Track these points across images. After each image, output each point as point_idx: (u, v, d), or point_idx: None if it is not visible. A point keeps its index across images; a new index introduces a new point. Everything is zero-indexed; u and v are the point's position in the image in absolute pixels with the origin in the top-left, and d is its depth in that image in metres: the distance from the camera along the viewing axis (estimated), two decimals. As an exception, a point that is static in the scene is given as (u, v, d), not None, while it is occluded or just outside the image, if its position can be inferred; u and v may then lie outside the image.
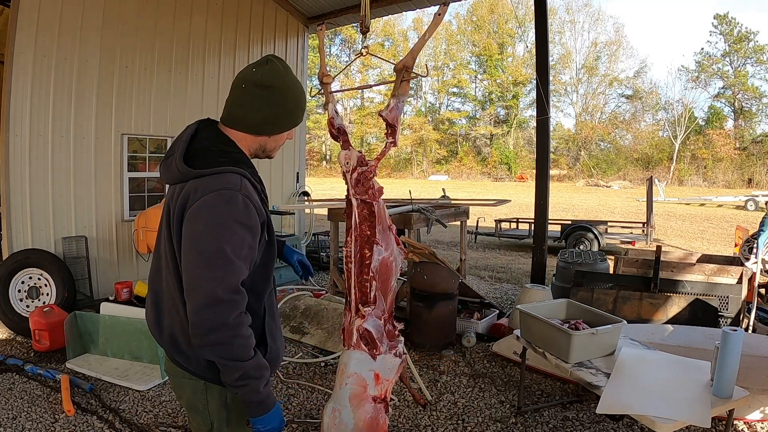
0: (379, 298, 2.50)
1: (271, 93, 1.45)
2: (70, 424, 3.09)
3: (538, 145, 5.81)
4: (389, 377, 2.48)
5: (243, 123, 1.47)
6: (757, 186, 29.91)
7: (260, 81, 1.44)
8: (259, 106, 1.45)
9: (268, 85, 1.44)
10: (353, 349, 2.41)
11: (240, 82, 1.46)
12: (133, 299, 4.39)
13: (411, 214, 4.91)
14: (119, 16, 5.60)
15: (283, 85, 1.47)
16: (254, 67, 1.46)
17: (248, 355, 1.34)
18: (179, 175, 1.39)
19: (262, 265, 1.48)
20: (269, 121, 1.48)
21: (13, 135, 4.88)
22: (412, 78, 2.57)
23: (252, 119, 1.46)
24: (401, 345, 2.60)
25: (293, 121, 1.54)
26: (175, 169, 1.40)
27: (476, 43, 46.44)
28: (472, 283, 6.27)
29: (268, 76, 1.44)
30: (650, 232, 9.54)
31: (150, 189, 6.22)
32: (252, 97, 1.44)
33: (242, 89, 1.45)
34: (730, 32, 37.94)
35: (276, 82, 1.45)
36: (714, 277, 4.57)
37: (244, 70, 1.48)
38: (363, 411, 2.36)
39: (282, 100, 1.48)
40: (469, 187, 31.22)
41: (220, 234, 1.30)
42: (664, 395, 2.28)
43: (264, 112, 1.46)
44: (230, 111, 1.48)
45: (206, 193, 1.32)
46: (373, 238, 2.40)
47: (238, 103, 1.46)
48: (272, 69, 1.45)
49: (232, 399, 1.51)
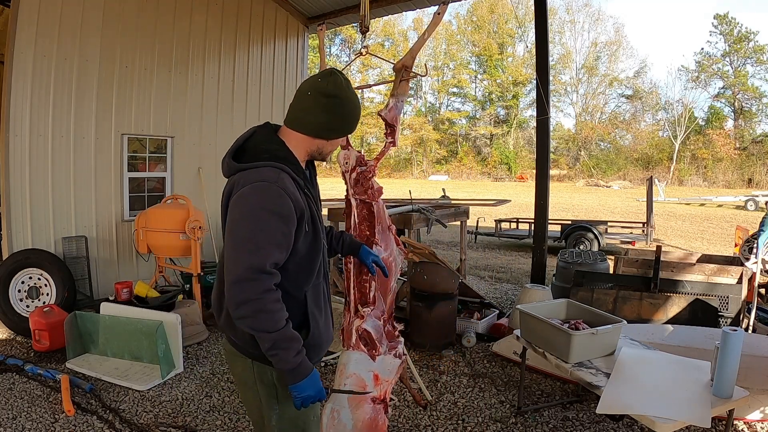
0: (379, 298, 2.50)
1: (334, 102, 1.60)
2: (70, 424, 3.09)
3: (538, 145, 5.81)
4: (389, 378, 2.47)
5: (305, 126, 1.61)
6: (757, 186, 29.92)
7: (326, 90, 1.59)
8: (322, 113, 1.60)
9: (332, 95, 1.59)
10: (352, 349, 2.41)
11: (306, 89, 1.62)
12: (133, 299, 4.38)
13: (411, 214, 4.91)
14: (119, 16, 5.60)
15: (345, 96, 1.62)
16: (320, 77, 1.61)
17: (275, 327, 1.45)
18: (228, 169, 1.59)
19: (306, 256, 1.61)
20: (329, 127, 1.63)
21: (13, 135, 4.88)
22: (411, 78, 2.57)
23: (314, 123, 1.61)
24: (401, 346, 2.59)
25: (349, 129, 1.70)
26: (225, 164, 1.60)
27: (476, 43, 46.44)
28: (472, 283, 6.27)
29: (333, 87, 1.59)
30: (650, 232, 9.54)
31: (150, 189, 6.22)
32: (316, 103, 1.59)
33: (308, 96, 1.60)
34: (730, 32, 37.95)
35: (339, 93, 1.61)
36: (714, 277, 4.56)
37: (311, 80, 1.63)
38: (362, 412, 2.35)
39: (342, 109, 1.63)
40: (469, 187, 31.22)
41: (251, 221, 1.45)
42: (664, 395, 2.28)
43: (325, 117, 1.61)
44: (294, 114, 1.63)
45: (245, 185, 1.49)
46: (373, 239, 2.40)
47: (302, 108, 1.61)
48: (336, 81, 1.60)
49: (278, 376, 1.62)
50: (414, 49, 2.60)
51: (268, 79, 7.41)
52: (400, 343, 2.59)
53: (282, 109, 7.59)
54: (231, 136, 6.71)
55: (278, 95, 7.56)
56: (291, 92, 7.65)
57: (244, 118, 7.07)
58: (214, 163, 6.72)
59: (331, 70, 1.63)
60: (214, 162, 6.71)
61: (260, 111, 7.30)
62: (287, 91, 7.67)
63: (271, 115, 7.42)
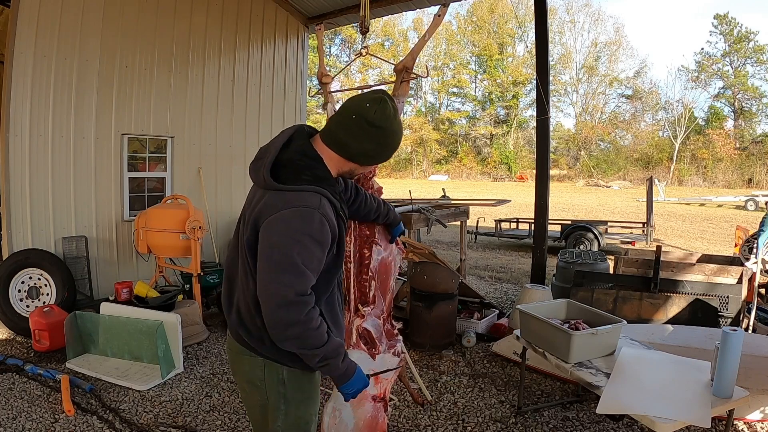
0: (378, 297, 2.50)
1: (378, 132, 1.56)
2: (70, 424, 3.09)
3: (538, 145, 5.81)
4: (388, 376, 2.49)
5: (343, 148, 1.58)
6: (757, 186, 29.91)
7: (372, 119, 1.54)
8: (363, 140, 1.56)
9: (378, 125, 1.55)
10: (353, 348, 2.42)
11: (352, 111, 1.56)
12: (133, 299, 4.38)
13: (411, 214, 4.91)
14: (119, 17, 5.60)
15: (389, 128, 1.58)
16: (368, 102, 1.55)
17: (322, 341, 1.51)
18: (264, 183, 1.52)
19: (326, 271, 1.61)
20: (368, 155, 1.60)
21: (13, 135, 4.88)
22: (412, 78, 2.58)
23: (353, 148, 1.57)
24: (400, 344, 2.60)
25: (386, 158, 1.67)
26: (261, 178, 1.52)
27: (476, 43, 46.42)
28: (472, 283, 6.27)
29: (380, 116, 1.54)
30: (650, 232, 9.54)
31: (150, 189, 6.21)
32: (360, 129, 1.55)
33: (352, 120, 1.55)
34: (730, 32, 37.93)
35: (385, 124, 1.56)
36: (714, 277, 4.56)
37: (359, 102, 1.56)
38: (363, 410, 2.37)
39: (384, 140, 1.59)
40: (469, 187, 31.21)
41: (295, 246, 1.45)
42: (664, 395, 2.28)
43: (366, 145, 1.57)
44: (335, 134, 1.57)
45: (285, 208, 1.46)
46: (372, 238, 2.40)
47: (344, 130, 1.56)
48: (385, 111, 1.56)
49: (288, 377, 1.66)
50: (414, 50, 2.61)
51: (268, 79, 7.40)
52: (399, 341, 2.61)
53: (282, 109, 7.59)
54: (231, 136, 6.68)
55: (278, 95, 7.56)
56: (291, 92, 7.68)
57: (244, 118, 7.07)
58: (214, 163, 6.72)
59: (380, 97, 1.57)
60: (213, 162, 6.71)
61: (260, 111, 7.30)
62: (287, 90, 7.67)
63: (270, 115, 7.42)
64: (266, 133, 7.37)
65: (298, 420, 1.71)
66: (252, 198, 1.61)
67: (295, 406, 1.69)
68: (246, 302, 1.61)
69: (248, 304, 1.61)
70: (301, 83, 7.91)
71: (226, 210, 6.83)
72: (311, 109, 36.27)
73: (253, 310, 1.59)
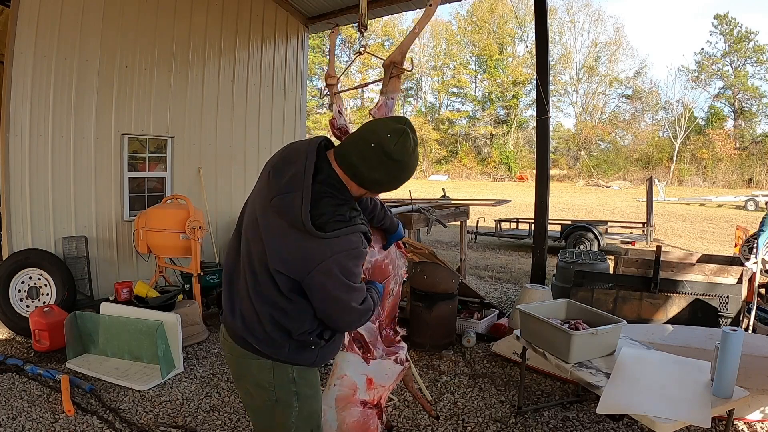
0: None
1: (394, 165, 1.55)
2: (70, 424, 3.09)
3: (538, 145, 5.81)
4: (385, 383, 2.41)
5: (357, 175, 1.57)
6: (757, 186, 29.91)
7: (390, 152, 1.52)
8: (378, 170, 1.54)
9: (396, 159, 1.53)
10: (346, 350, 2.38)
11: (371, 139, 1.54)
12: (133, 299, 4.38)
13: (411, 214, 4.91)
14: (119, 17, 5.60)
15: (406, 162, 1.57)
16: (390, 133, 1.53)
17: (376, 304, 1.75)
18: (301, 226, 1.50)
19: None
20: (380, 184, 1.59)
21: (13, 135, 4.87)
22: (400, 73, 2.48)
23: (367, 177, 1.56)
24: (403, 352, 2.50)
25: (395, 188, 1.68)
26: (298, 221, 1.50)
27: (476, 43, 46.42)
28: (472, 283, 6.27)
29: (399, 150, 1.53)
30: (650, 232, 9.54)
31: (150, 189, 6.21)
32: (377, 159, 1.53)
33: (371, 148, 1.53)
34: (730, 32, 37.93)
35: (403, 158, 1.55)
36: (714, 277, 4.56)
37: (381, 131, 1.54)
38: (348, 414, 2.29)
39: (399, 173, 1.58)
40: (469, 187, 31.21)
41: (352, 278, 1.58)
42: (664, 395, 2.28)
43: (380, 176, 1.56)
44: (350, 159, 1.56)
45: (341, 252, 1.52)
46: None
47: (361, 157, 1.54)
48: (404, 144, 1.54)
49: (298, 374, 1.70)
50: (404, 44, 2.47)
51: (268, 79, 7.40)
52: (402, 349, 2.50)
53: (282, 109, 7.59)
54: (231, 136, 6.68)
55: (278, 95, 7.56)
56: (291, 92, 7.68)
57: (244, 118, 7.07)
58: (214, 163, 6.72)
59: (403, 128, 1.55)
60: (213, 162, 6.71)
61: (260, 111, 7.30)
62: (287, 90, 7.67)
63: (270, 115, 7.42)
64: (266, 133, 7.37)
65: (310, 414, 1.76)
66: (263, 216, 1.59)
67: (307, 401, 1.74)
68: (252, 311, 1.63)
69: (255, 313, 1.62)
70: (301, 83, 7.91)
71: (226, 210, 6.83)
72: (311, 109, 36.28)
73: (262, 318, 1.61)
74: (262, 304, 1.60)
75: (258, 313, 1.61)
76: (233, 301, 1.70)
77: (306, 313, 1.62)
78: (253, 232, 1.62)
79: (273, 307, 1.60)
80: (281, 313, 1.60)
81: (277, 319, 1.61)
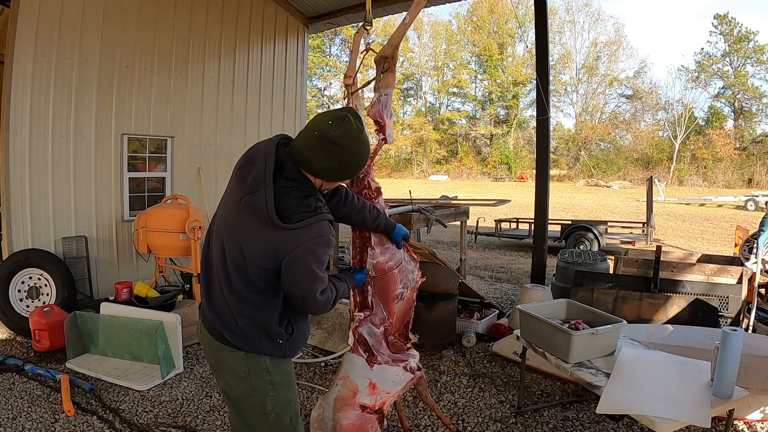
0: (377, 305, 2.38)
1: (338, 150, 1.63)
2: (70, 424, 3.09)
3: (538, 145, 5.80)
4: (390, 390, 2.37)
5: (307, 166, 1.67)
6: (757, 186, 29.90)
7: (332, 137, 1.61)
8: (324, 157, 1.64)
9: (337, 143, 1.62)
10: (351, 352, 2.37)
11: (314, 128, 1.64)
12: (133, 299, 4.38)
13: (411, 214, 4.91)
14: (119, 16, 5.60)
15: (350, 146, 1.65)
16: (331, 119, 1.63)
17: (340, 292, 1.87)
18: (269, 222, 1.59)
19: None
20: (328, 172, 1.68)
21: (13, 135, 4.87)
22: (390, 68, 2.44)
23: (316, 165, 1.66)
24: (413, 360, 2.45)
25: (349, 176, 1.77)
26: (265, 216, 1.59)
27: (476, 43, 46.41)
28: (472, 283, 6.27)
29: (341, 135, 1.61)
30: (650, 232, 9.54)
31: (150, 189, 6.21)
32: (320, 147, 1.62)
33: (314, 136, 1.63)
34: (730, 32, 37.92)
35: (346, 143, 1.63)
36: (714, 277, 4.56)
37: (322, 120, 1.65)
38: (344, 415, 2.26)
39: (345, 158, 1.66)
40: (469, 187, 31.20)
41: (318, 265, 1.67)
42: (664, 395, 2.28)
43: (326, 163, 1.65)
44: (300, 151, 1.67)
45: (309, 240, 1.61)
46: (369, 242, 2.30)
47: (307, 146, 1.65)
48: (346, 129, 1.62)
49: (271, 363, 1.79)
50: (394, 37, 2.42)
51: (268, 79, 7.40)
52: (413, 357, 2.45)
53: (282, 109, 7.59)
54: (231, 136, 6.68)
55: (278, 95, 7.56)
56: (291, 92, 7.68)
57: (244, 118, 7.07)
58: (214, 163, 6.72)
59: (344, 115, 1.64)
60: (213, 162, 6.71)
61: (260, 111, 7.30)
62: (287, 90, 7.67)
63: (271, 115, 7.42)
64: (266, 133, 7.36)
65: (287, 401, 1.85)
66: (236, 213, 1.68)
67: (282, 388, 1.83)
68: (226, 305, 1.73)
69: (229, 308, 1.72)
70: (301, 83, 7.91)
71: (226, 210, 6.82)
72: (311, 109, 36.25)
73: (234, 313, 1.71)
74: (234, 299, 1.70)
75: (231, 309, 1.71)
76: (209, 294, 1.80)
77: (273, 308, 1.72)
78: (227, 232, 1.72)
79: (244, 302, 1.69)
80: (251, 307, 1.70)
81: (249, 315, 1.70)
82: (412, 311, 2.57)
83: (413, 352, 2.50)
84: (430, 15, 47.84)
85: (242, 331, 1.72)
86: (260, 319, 1.71)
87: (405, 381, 2.41)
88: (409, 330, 2.53)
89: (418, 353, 2.52)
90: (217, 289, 1.76)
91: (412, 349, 2.51)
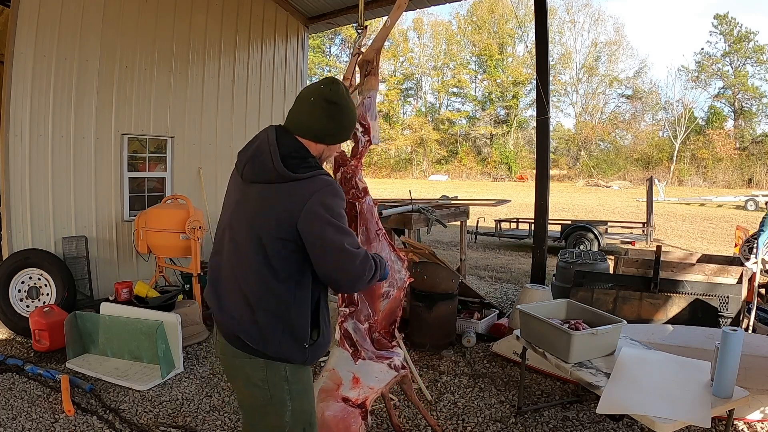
0: (363, 302, 2.41)
1: (337, 109, 1.68)
2: (70, 424, 3.09)
3: (538, 145, 5.81)
4: (373, 386, 2.39)
5: (309, 131, 1.69)
6: (757, 186, 29.89)
7: (329, 97, 1.66)
8: (326, 118, 1.68)
9: (335, 102, 1.67)
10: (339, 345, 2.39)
11: (308, 95, 1.69)
12: (133, 299, 4.38)
13: (411, 214, 4.91)
14: (119, 16, 5.60)
15: (345, 104, 1.71)
16: (322, 84, 1.69)
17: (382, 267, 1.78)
18: (276, 175, 1.59)
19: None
20: (331, 132, 1.71)
21: (13, 135, 4.87)
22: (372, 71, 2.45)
23: (318, 128, 1.68)
24: (398, 359, 2.48)
25: (347, 135, 1.80)
26: (271, 170, 1.59)
27: (476, 43, 46.40)
28: (472, 283, 6.27)
29: (336, 95, 1.67)
30: (650, 232, 9.54)
31: (150, 189, 6.21)
32: (320, 109, 1.66)
33: (311, 102, 1.67)
34: (730, 32, 37.92)
35: (341, 101, 1.69)
36: (714, 277, 4.56)
37: (313, 86, 1.71)
38: (326, 406, 2.28)
39: (343, 116, 1.71)
40: (469, 187, 31.20)
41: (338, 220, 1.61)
42: (664, 395, 2.28)
43: (328, 123, 1.69)
44: (298, 120, 1.69)
45: (318, 189, 1.59)
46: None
47: (306, 114, 1.68)
48: (338, 89, 1.69)
49: (290, 372, 1.70)
50: (376, 41, 2.44)
51: (268, 79, 7.40)
52: (397, 356, 2.48)
53: (282, 109, 7.59)
54: (231, 136, 6.68)
55: (278, 95, 7.56)
56: (291, 92, 7.67)
57: (244, 118, 7.07)
58: (214, 163, 6.72)
59: (332, 78, 1.71)
60: (213, 162, 6.71)
61: (260, 111, 7.30)
62: (287, 90, 7.67)
63: (271, 115, 7.41)
64: (266, 133, 7.36)
65: (303, 412, 1.76)
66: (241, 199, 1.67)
67: (300, 399, 1.74)
68: (244, 302, 1.64)
69: (245, 306, 1.63)
70: (301, 83, 7.91)
71: (226, 210, 6.82)
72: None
73: (255, 306, 1.62)
74: (259, 288, 1.62)
75: (250, 304, 1.62)
76: (220, 299, 1.73)
77: (300, 304, 1.64)
78: (237, 223, 1.68)
79: (268, 292, 1.61)
80: (275, 297, 1.61)
81: (271, 308, 1.62)
82: (400, 310, 2.58)
83: (398, 351, 2.52)
84: (430, 15, 47.86)
85: (261, 331, 1.62)
86: (284, 315, 1.62)
87: (389, 378, 2.44)
88: (395, 329, 2.55)
89: (402, 352, 2.54)
90: (233, 288, 1.67)
91: (398, 348, 2.54)
